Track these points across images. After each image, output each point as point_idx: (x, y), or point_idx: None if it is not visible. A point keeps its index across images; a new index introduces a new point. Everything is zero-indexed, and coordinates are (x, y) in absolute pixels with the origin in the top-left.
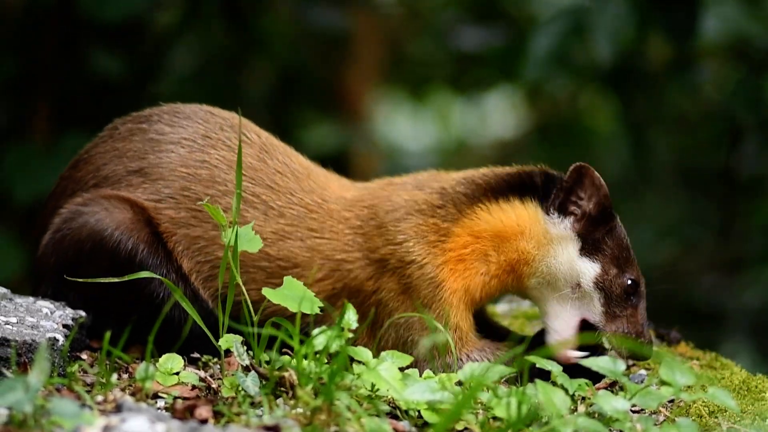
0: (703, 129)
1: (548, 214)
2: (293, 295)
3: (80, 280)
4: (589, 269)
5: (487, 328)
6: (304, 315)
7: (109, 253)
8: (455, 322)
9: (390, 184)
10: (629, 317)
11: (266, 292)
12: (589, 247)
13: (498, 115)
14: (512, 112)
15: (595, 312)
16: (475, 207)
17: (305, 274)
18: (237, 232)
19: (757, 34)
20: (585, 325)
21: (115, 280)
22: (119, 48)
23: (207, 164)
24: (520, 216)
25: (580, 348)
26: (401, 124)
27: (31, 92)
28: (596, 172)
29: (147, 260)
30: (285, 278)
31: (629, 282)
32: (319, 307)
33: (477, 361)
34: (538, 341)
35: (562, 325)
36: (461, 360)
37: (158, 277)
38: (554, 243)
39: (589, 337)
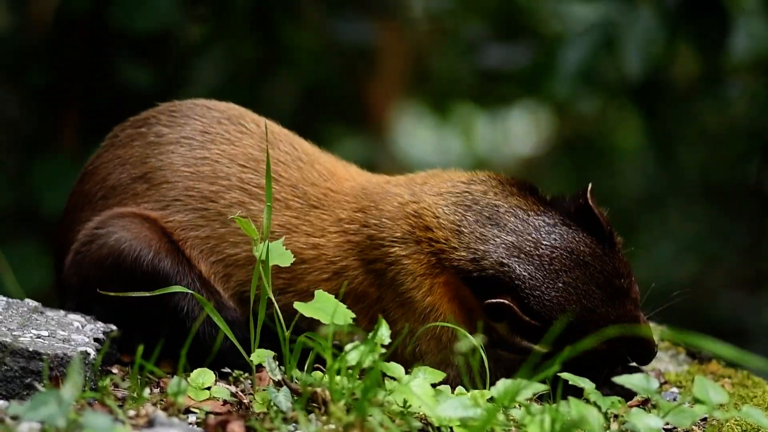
0: (730, 145)
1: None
2: (325, 308)
3: (111, 294)
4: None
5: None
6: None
7: (130, 267)
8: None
9: (379, 189)
10: None
11: (298, 306)
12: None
13: (521, 131)
14: (536, 128)
15: None
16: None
17: (313, 272)
18: (268, 246)
19: None
20: None
21: (146, 294)
22: (148, 59)
23: (208, 160)
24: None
25: None
26: (424, 138)
27: (60, 103)
28: (517, 311)
29: (169, 271)
30: (316, 292)
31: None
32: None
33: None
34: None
35: None
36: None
37: (189, 291)
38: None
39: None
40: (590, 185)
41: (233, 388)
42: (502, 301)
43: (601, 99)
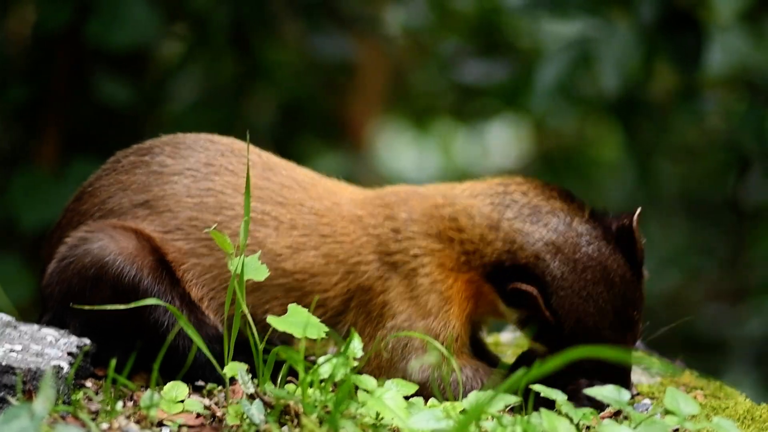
0: (708, 159)
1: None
2: (297, 322)
3: (86, 307)
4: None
5: (481, 354)
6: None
7: (112, 280)
8: (458, 333)
9: (408, 190)
10: None
11: (271, 320)
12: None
13: (501, 145)
14: (515, 142)
15: None
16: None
17: (323, 281)
18: (243, 261)
19: (763, 65)
20: None
21: (121, 307)
22: (126, 76)
23: (212, 191)
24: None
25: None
26: (404, 153)
27: (38, 119)
28: (540, 299)
29: (150, 287)
30: (289, 306)
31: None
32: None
33: (468, 376)
34: (522, 362)
35: None
36: (454, 371)
37: (163, 303)
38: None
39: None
40: (639, 210)
41: (206, 401)
42: (530, 288)
43: (580, 114)
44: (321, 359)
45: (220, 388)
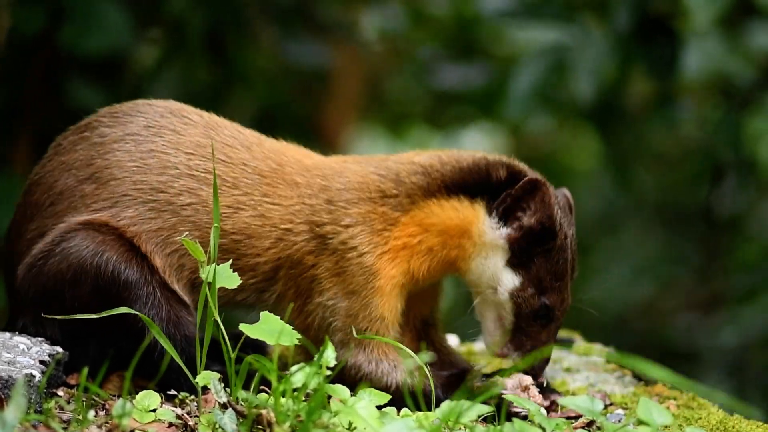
0: (683, 166)
1: (490, 216)
2: (270, 329)
3: (58, 317)
4: (508, 281)
5: (446, 360)
6: None
7: (92, 277)
8: (381, 312)
9: (347, 161)
10: (534, 333)
11: (243, 327)
12: (516, 260)
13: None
14: (491, 149)
15: (506, 320)
16: (429, 200)
17: (257, 244)
18: (215, 269)
19: (738, 72)
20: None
21: (94, 316)
22: (100, 81)
23: (154, 152)
24: (467, 216)
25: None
26: None
27: (12, 125)
28: (550, 191)
29: (131, 280)
30: (262, 314)
31: (542, 304)
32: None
33: (381, 373)
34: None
35: (490, 325)
36: (370, 363)
37: (135, 312)
38: (486, 246)
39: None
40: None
41: (179, 410)
42: (538, 179)
43: (556, 121)
44: (294, 368)
45: (192, 397)
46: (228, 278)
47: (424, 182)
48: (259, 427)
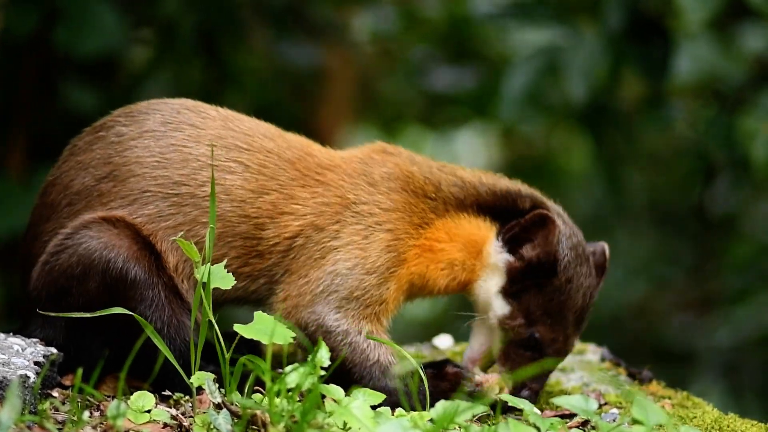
0: (676, 167)
1: (497, 239)
2: (264, 329)
3: (55, 314)
4: (498, 308)
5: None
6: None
7: (100, 272)
8: (388, 297)
9: (387, 152)
10: (522, 362)
11: (238, 328)
12: (509, 289)
13: (469, 152)
14: (484, 150)
15: (494, 345)
16: (460, 213)
17: (279, 225)
18: (210, 270)
19: (729, 73)
20: None
21: (87, 315)
22: (94, 83)
23: (175, 146)
24: (485, 236)
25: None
26: None
27: (5, 127)
28: (559, 228)
29: (138, 278)
30: (255, 313)
31: (530, 335)
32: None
33: (367, 345)
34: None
35: (475, 345)
36: (360, 334)
37: (130, 313)
38: (488, 268)
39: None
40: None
41: (173, 411)
42: (549, 215)
43: (548, 122)
44: (288, 368)
45: (187, 397)
46: (222, 279)
47: (461, 195)
48: (253, 427)
